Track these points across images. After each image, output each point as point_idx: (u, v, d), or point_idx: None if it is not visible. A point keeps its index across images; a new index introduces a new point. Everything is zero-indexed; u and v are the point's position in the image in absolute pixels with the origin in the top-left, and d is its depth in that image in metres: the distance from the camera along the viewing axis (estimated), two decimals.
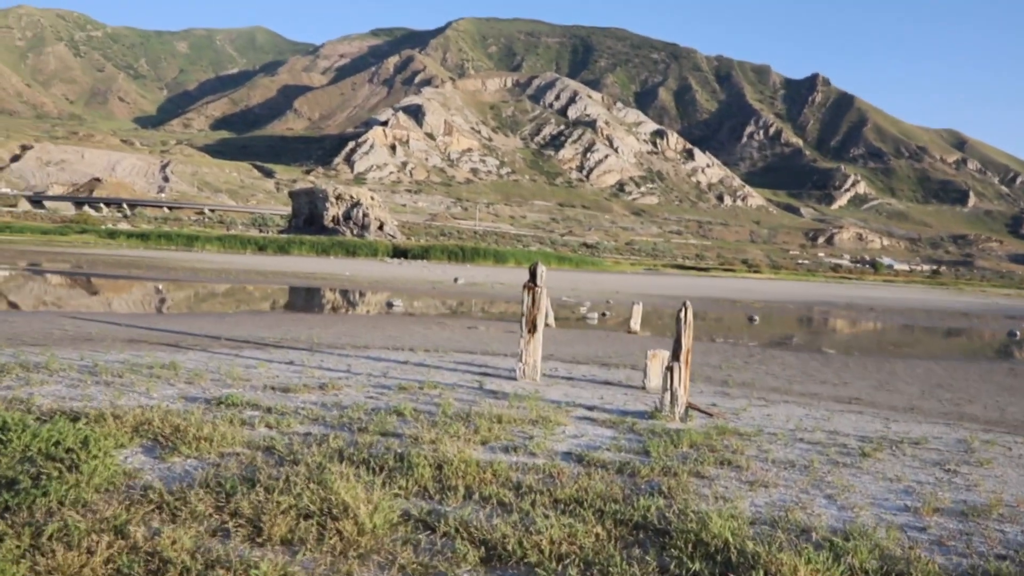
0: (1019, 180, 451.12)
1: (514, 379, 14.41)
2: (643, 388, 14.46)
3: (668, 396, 11.29)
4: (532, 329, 14.24)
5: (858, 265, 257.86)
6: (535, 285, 14.22)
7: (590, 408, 11.87)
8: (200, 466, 7.32)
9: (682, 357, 11.34)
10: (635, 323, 28.33)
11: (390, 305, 33.89)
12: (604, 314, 36.91)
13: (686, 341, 11.39)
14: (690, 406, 11.44)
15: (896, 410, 14.16)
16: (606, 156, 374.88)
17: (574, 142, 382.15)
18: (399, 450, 8.24)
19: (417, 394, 12.05)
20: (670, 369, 11.27)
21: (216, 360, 14.69)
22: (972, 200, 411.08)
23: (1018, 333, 39.20)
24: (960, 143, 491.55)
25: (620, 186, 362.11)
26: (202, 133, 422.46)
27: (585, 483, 7.42)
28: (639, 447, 9.28)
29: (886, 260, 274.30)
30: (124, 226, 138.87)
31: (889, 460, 9.66)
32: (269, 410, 10.07)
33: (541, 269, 14.31)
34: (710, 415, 11.58)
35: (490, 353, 18.63)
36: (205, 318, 23.99)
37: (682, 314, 11.39)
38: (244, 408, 10.12)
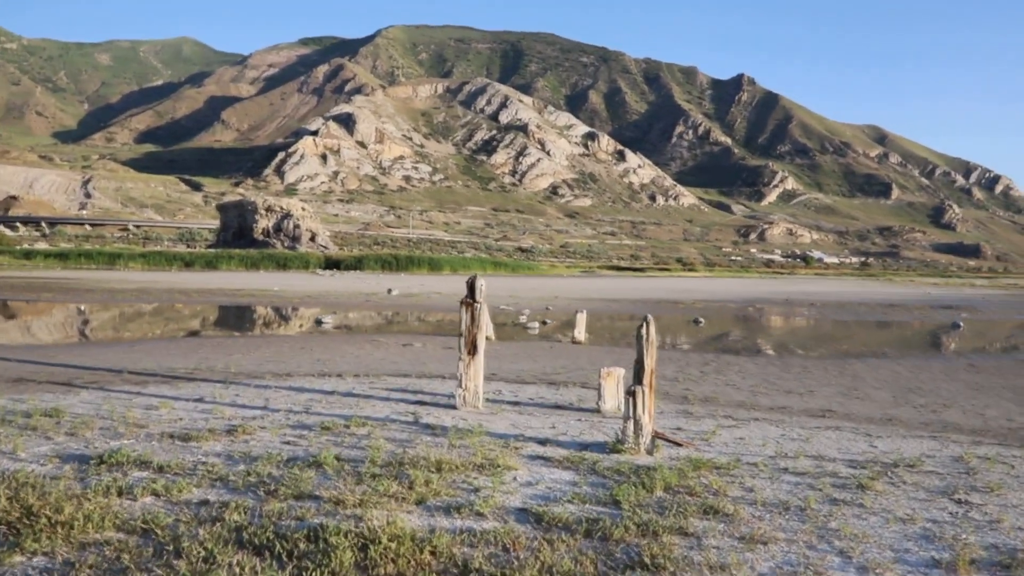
0: (938, 172, 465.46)
1: (454, 407, 12.84)
2: (597, 411, 13.03)
3: (631, 425, 9.85)
4: (472, 350, 12.69)
5: (790, 260, 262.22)
6: (474, 301, 12.68)
7: (542, 442, 10.36)
8: (48, 568, 5.60)
9: (646, 380, 9.91)
10: (579, 332, 26.99)
11: (320, 322, 32.00)
12: (545, 322, 35.56)
13: (649, 361, 9.97)
14: (656, 435, 10.02)
15: (874, 422, 12.99)
16: (538, 160, 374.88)
17: (506, 147, 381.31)
18: (315, 522, 6.63)
19: (342, 435, 10.39)
20: (632, 394, 9.83)
21: (112, 401, 12.80)
22: (895, 193, 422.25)
23: (961, 324, 39.05)
24: (881, 138, 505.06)
25: (553, 189, 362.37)
26: (126, 147, 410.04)
27: (548, 558, 5.91)
28: (606, 495, 7.80)
29: (816, 254, 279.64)
30: (42, 245, 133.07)
31: (891, 492, 8.36)
32: (161, 469, 8.33)
33: (480, 283, 12.79)
34: (679, 445, 10.17)
35: (427, 375, 17.02)
36: (111, 348, 21.83)
37: (643, 330, 9.97)
38: (130, 468, 8.36)
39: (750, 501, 7.81)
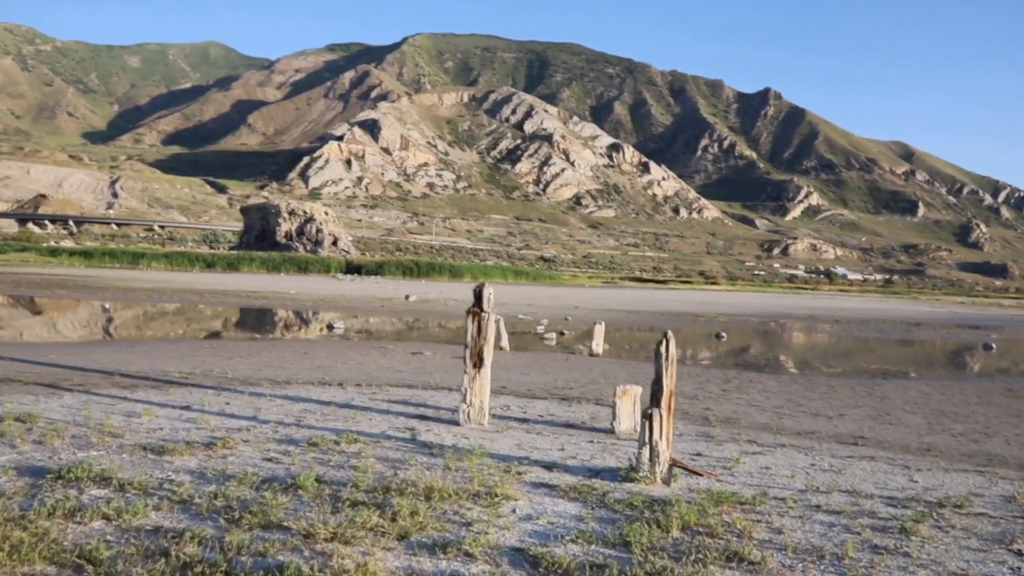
0: (965, 191, 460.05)
1: (457, 423, 11.95)
2: (611, 431, 12.08)
3: (646, 452, 8.91)
4: (478, 363, 11.80)
5: (813, 275, 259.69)
6: (481, 310, 11.80)
7: (549, 467, 9.43)
8: None
9: (664, 402, 8.97)
10: (597, 345, 26.03)
11: (331, 327, 31.24)
12: (563, 333, 34.62)
13: (668, 381, 9.02)
14: (674, 464, 9.07)
15: (911, 452, 11.95)
16: (563, 170, 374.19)
17: (531, 156, 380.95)
18: (277, 559, 5.75)
19: (330, 452, 9.52)
20: (648, 418, 8.90)
21: (92, 406, 12.01)
22: (921, 210, 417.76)
23: (993, 346, 37.71)
24: (908, 155, 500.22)
25: (577, 199, 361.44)
26: (153, 148, 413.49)
27: None
28: (615, 535, 6.87)
29: (840, 270, 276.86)
30: (68, 243, 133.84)
31: (939, 539, 7.37)
32: (122, 487, 7.50)
33: (488, 292, 11.90)
34: (700, 475, 9.21)
35: (432, 387, 16.13)
36: (108, 348, 21.14)
37: (663, 347, 9.03)
38: (88, 486, 7.53)
39: (779, 546, 6.85)
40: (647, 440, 8.91)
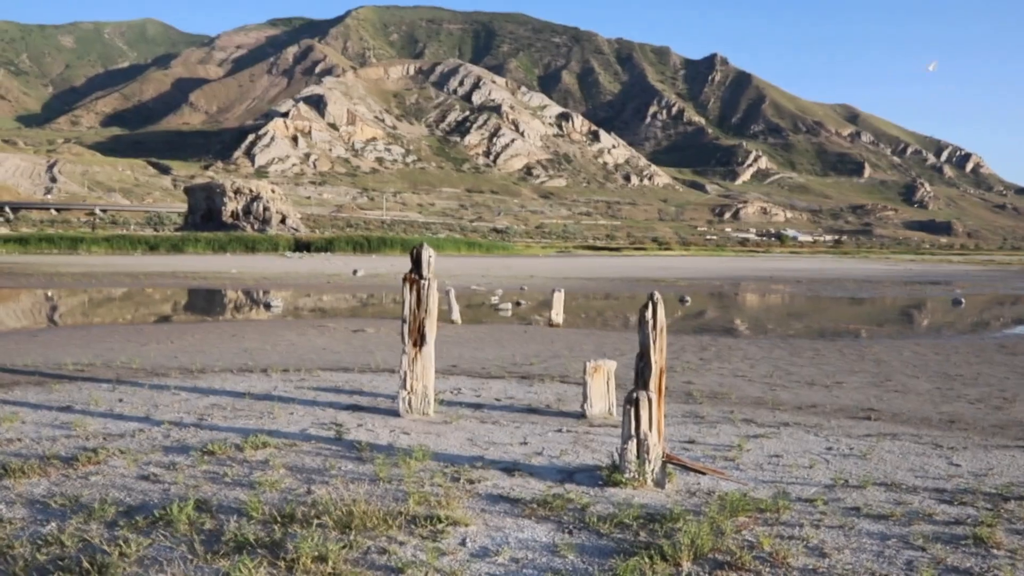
0: (910, 151, 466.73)
1: (396, 414, 9.89)
2: (582, 416, 10.12)
3: (632, 446, 6.95)
4: (419, 341, 9.74)
5: (764, 238, 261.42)
6: (420, 276, 9.72)
7: (509, 469, 7.43)
8: None
9: (653, 382, 7.01)
10: (556, 314, 24.09)
11: (268, 306, 28.88)
12: (519, 303, 32.71)
13: (658, 356, 7.05)
14: (669, 460, 7.12)
15: (933, 425, 10.19)
16: (512, 140, 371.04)
17: (480, 128, 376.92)
18: None
19: (228, 463, 7.41)
20: (634, 403, 6.93)
21: None
22: (867, 171, 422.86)
23: (963, 301, 36.61)
24: (853, 117, 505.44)
25: (528, 170, 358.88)
26: (92, 130, 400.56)
27: None
28: (603, 572, 4.92)
29: (791, 232, 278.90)
30: (3, 231, 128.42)
31: None
32: None
33: (428, 254, 9.82)
34: (702, 473, 7.28)
35: (372, 369, 14.02)
36: (4, 339, 18.62)
37: (649, 312, 7.05)
38: None
39: None
40: (633, 432, 6.95)
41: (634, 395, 6.98)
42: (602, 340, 19.79)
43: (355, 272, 52.98)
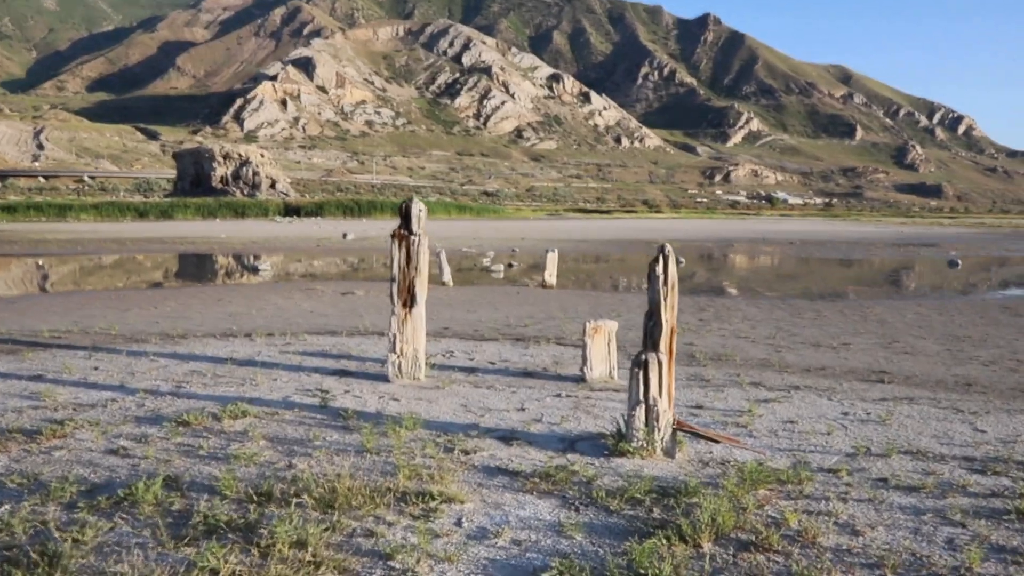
0: (902, 113, 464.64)
1: (385, 379, 9.35)
2: (582, 380, 9.60)
3: (640, 412, 6.43)
4: (409, 302, 9.17)
5: (755, 201, 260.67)
6: (410, 232, 9.13)
7: (507, 438, 6.91)
8: None
9: (664, 343, 6.47)
10: (550, 275, 23.53)
11: (255, 270, 28.25)
12: (511, 265, 32.13)
13: (668, 314, 6.51)
14: (680, 427, 6.61)
15: (949, 388, 9.71)
16: (503, 103, 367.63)
17: (470, 89, 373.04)
18: None
19: (204, 435, 6.86)
20: (642, 366, 6.40)
21: None
22: (859, 133, 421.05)
23: (959, 262, 36.17)
24: (846, 78, 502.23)
25: (518, 132, 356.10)
26: (78, 96, 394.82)
27: None
28: (616, 556, 4.42)
29: (781, 194, 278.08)
30: None
31: None
32: None
33: (418, 208, 9.22)
34: (715, 441, 6.76)
35: (360, 332, 13.46)
36: None
37: (660, 267, 6.50)
38: None
39: (867, 560, 4.48)
40: (641, 397, 6.42)
41: (642, 357, 6.44)
42: (597, 302, 19.25)
43: (345, 236, 52.23)
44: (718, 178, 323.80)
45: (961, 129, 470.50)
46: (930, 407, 8.51)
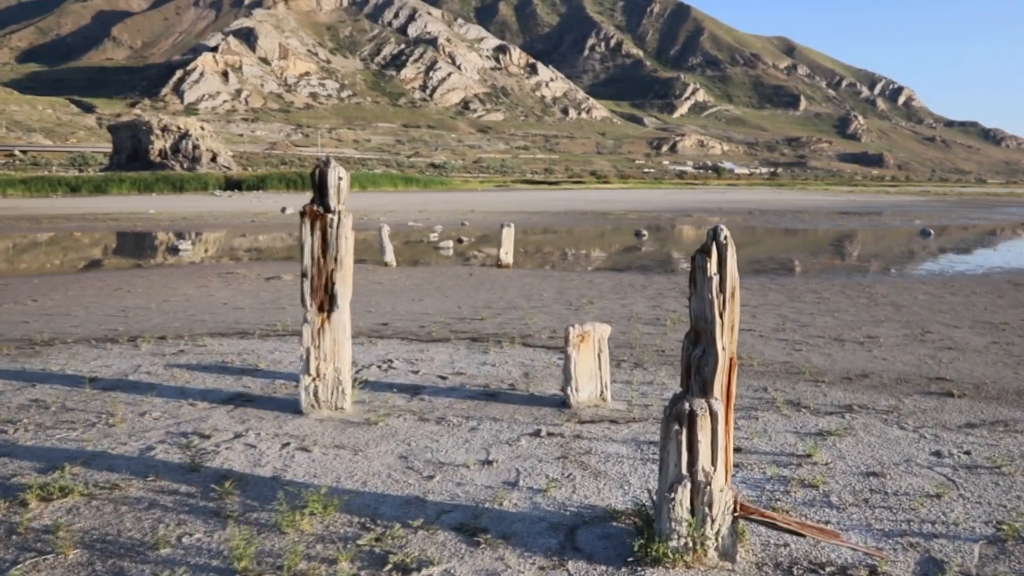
0: (844, 84, 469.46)
1: (298, 409, 6.82)
2: (565, 405, 7.17)
3: (684, 493, 4.01)
4: (327, 304, 6.63)
5: (702, 171, 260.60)
6: (326, 210, 6.57)
7: (470, 531, 4.44)
8: None
9: (719, 384, 4.05)
10: (506, 253, 21.06)
11: (175, 250, 25.28)
12: (460, 240, 29.62)
13: (726, 338, 4.08)
14: (745, 514, 4.20)
15: None
16: (449, 74, 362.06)
17: (416, 61, 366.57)
18: None
19: None
20: (687, 421, 3.97)
21: None
22: (803, 104, 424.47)
23: (931, 232, 34.57)
24: (790, 49, 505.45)
25: (465, 104, 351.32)
26: (7, 67, 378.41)
27: None
28: None
29: (727, 164, 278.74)
30: None
31: None
32: None
33: (337, 176, 6.67)
34: (799, 534, 4.37)
35: (278, 333, 10.84)
36: None
37: (712, 262, 4.08)
38: None
39: None
40: (685, 469, 4.01)
41: (686, 405, 4.01)
42: (562, 285, 16.86)
43: (283, 210, 49.07)
44: (665, 149, 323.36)
45: (901, 100, 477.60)
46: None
